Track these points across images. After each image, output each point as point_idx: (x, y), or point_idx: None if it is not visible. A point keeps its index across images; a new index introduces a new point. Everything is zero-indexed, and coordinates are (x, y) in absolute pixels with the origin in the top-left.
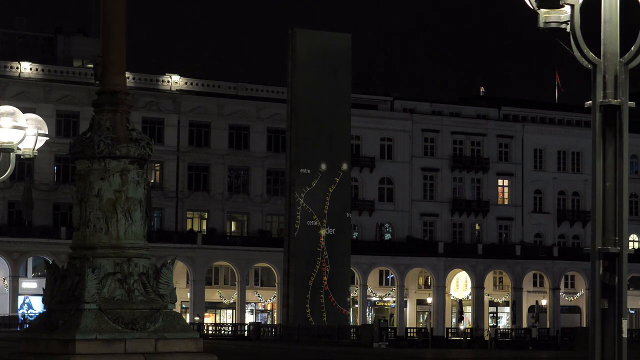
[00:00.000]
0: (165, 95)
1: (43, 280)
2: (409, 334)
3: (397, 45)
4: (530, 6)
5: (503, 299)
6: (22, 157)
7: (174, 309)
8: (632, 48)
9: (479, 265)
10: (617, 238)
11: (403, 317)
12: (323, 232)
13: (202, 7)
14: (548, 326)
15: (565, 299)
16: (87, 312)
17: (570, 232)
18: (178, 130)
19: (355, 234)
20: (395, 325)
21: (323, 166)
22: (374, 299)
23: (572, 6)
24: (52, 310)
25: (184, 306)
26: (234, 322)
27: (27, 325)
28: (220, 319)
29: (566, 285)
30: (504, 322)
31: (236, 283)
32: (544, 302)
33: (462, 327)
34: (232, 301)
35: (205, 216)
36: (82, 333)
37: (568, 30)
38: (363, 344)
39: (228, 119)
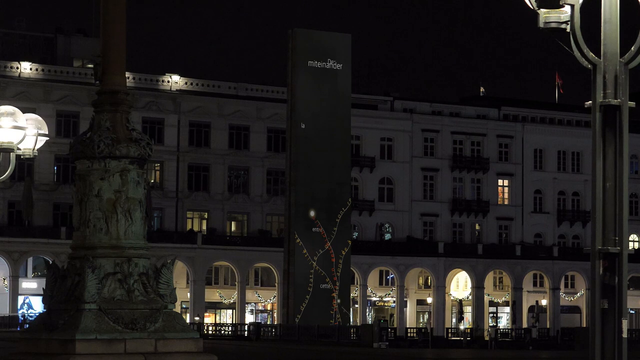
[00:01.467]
0: (165, 95)
1: (43, 280)
2: (409, 334)
3: (397, 45)
4: (530, 6)
5: (503, 299)
6: (22, 157)
7: (174, 309)
8: (632, 48)
9: (479, 265)
10: (617, 238)
11: (403, 317)
12: (336, 294)
13: (202, 7)
14: (548, 326)
15: (565, 299)
16: (87, 312)
17: (570, 232)
18: (178, 130)
19: (355, 234)
20: (395, 325)
21: (335, 229)
22: (374, 299)
23: (572, 6)
24: (52, 310)
25: (184, 306)
26: (234, 322)
27: (27, 325)
28: (220, 319)
29: (566, 285)
30: (504, 322)
31: (236, 283)
32: (544, 302)
33: (462, 327)
34: (232, 301)
35: (205, 216)
36: (82, 333)
37: (568, 30)
38: (363, 344)
39: (228, 119)
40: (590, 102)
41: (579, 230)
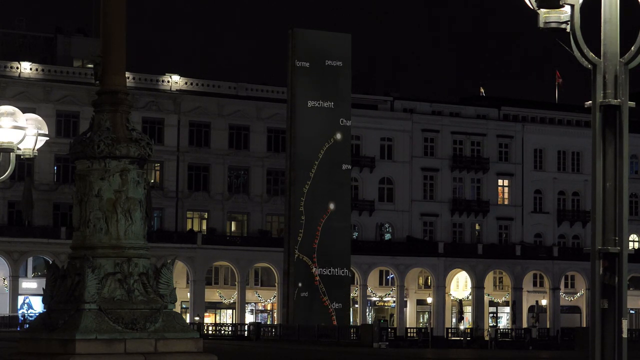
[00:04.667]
0: (165, 95)
1: (43, 280)
2: (409, 334)
3: (397, 45)
4: (530, 6)
5: (503, 299)
6: (22, 157)
7: (174, 309)
8: (632, 48)
9: (479, 265)
10: (617, 238)
11: (403, 317)
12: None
13: (202, 7)
14: (548, 326)
15: (565, 299)
16: (87, 312)
17: (570, 232)
18: (178, 130)
19: (355, 234)
20: (395, 325)
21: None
22: (374, 299)
23: (572, 6)
24: (52, 310)
25: (184, 306)
26: (234, 322)
27: (27, 325)
28: (220, 319)
29: (566, 285)
30: (504, 322)
31: (236, 283)
32: (544, 302)
33: (462, 327)
34: (232, 301)
35: (205, 216)
36: (82, 333)
37: (568, 30)
38: (363, 344)
39: (228, 119)
40: (590, 102)
41: (579, 230)
